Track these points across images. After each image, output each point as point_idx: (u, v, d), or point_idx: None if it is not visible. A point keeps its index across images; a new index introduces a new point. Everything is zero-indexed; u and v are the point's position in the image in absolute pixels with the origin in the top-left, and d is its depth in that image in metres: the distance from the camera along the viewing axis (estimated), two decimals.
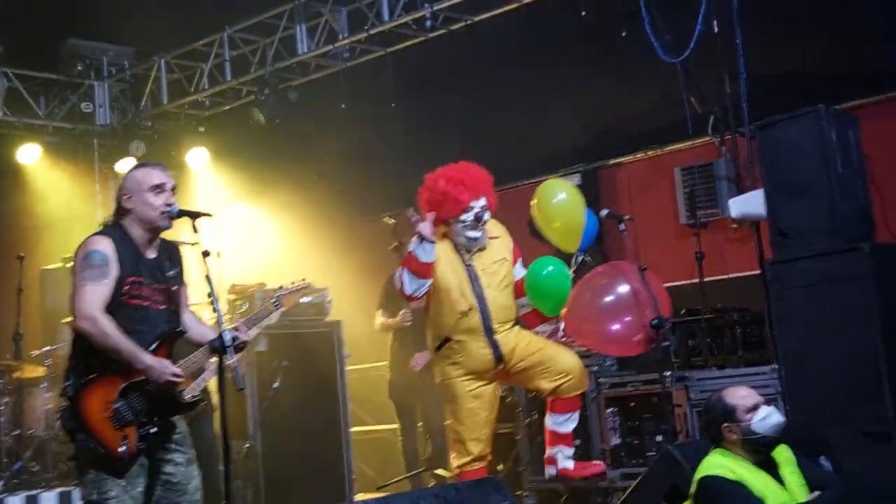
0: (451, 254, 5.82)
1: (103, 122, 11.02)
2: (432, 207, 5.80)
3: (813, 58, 8.07)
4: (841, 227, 5.78)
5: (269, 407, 7.73)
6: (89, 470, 4.27)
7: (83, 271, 4.27)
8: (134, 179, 4.47)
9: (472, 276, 5.76)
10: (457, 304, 5.73)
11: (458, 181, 5.76)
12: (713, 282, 8.03)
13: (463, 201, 5.73)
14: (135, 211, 4.42)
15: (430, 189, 5.83)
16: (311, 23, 9.49)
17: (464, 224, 5.77)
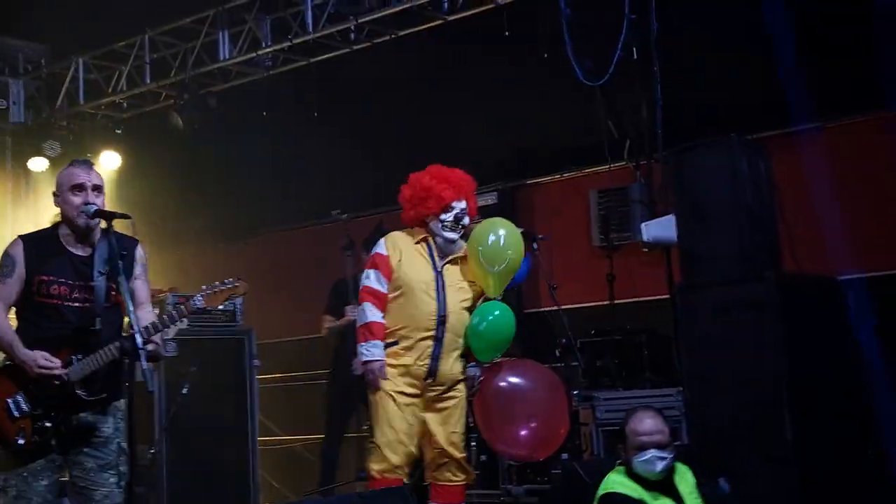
0: (422, 257, 5.73)
1: (17, 119, 10.78)
2: (412, 204, 5.76)
3: (728, 89, 8.25)
4: (748, 254, 5.91)
5: (176, 413, 7.62)
6: None
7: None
8: (59, 179, 4.52)
9: (440, 283, 5.67)
10: (420, 302, 5.61)
11: (442, 178, 5.74)
12: (623, 304, 8.18)
13: (445, 198, 5.67)
14: (62, 210, 4.48)
15: (412, 186, 5.80)
16: (234, 29, 9.41)
17: (443, 223, 5.70)
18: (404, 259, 5.69)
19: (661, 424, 4.47)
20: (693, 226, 6.17)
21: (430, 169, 5.84)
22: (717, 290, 5.96)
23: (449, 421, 5.66)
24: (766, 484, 5.46)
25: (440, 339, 5.60)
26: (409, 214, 5.85)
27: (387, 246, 5.76)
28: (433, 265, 5.72)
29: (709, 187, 6.10)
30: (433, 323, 5.59)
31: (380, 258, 5.73)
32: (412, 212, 5.82)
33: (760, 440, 5.65)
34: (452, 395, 5.69)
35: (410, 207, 5.81)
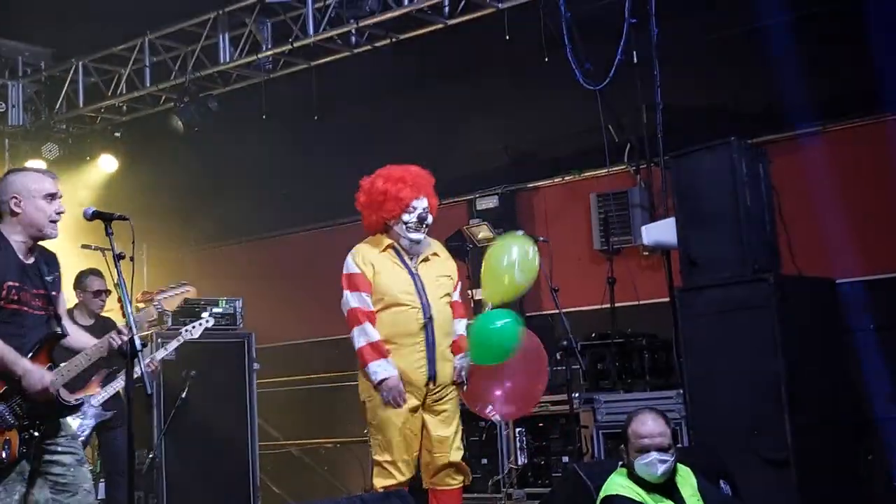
0: (394, 263, 5.59)
1: (16, 122, 10.78)
2: (371, 210, 5.61)
3: (727, 93, 8.27)
4: (748, 257, 5.94)
5: (176, 417, 7.61)
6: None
7: None
8: (24, 185, 4.39)
9: (419, 284, 5.55)
10: (403, 309, 5.49)
11: (397, 179, 5.56)
12: (624, 307, 8.19)
13: (404, 199, 5.51)
14: (24, 216, 4.36)
15: (367, 192, 5.63)
16: (234, 32, 9.42)
17: (406, 225, 5.55)
18: (377, 270, 5.55)
19: (663, 426, 4.46)
20: (693, 229, 6.20)
21: (381, 171, 5.66)
22: (716, 292, 5.99)
23: (447, 423, 5.59)
24: (766, 486, 5.48)
25: (431, 341, 5.51)
26: (370, 220, 5.68)
27: (357, 263, 5.60)
28: (407, 269, 5.59)
29: (709, 191, 6.13)
30: (420, 326, 5.50)
31: (356, 277, 5.56)
32: (373, 217, 5.65)
33: (759, 442, 5.66)
34: (450, 396, 5.62)
35: (370, 213, 5.64)
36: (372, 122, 9.93)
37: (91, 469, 7.97)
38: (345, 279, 5.61)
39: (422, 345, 5.50)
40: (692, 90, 8.19)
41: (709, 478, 4.74)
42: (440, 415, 5.59)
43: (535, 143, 9.73)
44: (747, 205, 6.00)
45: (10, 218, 4.35)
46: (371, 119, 9.95)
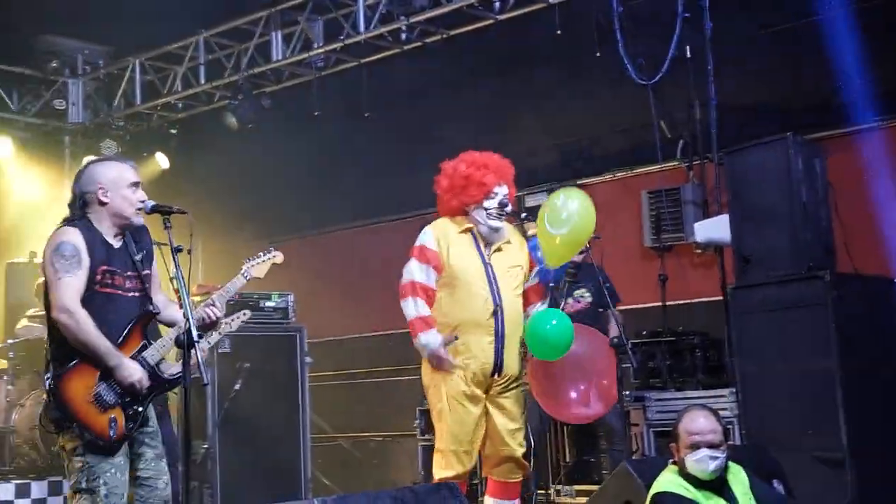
0: (470, 248, 5.55)
1: (75, 119, 10.98)
2: (452, 194, 5.57)
3: (783, 88, 8.19)
4: (803, 254, 5.87)
5: (229, 409, 7.71)
6: (78, 457, 4.28)
7: (55, 263, 4.28)
8: (108, 175, 4.49)
9: (491, 275, 5.50)
10: (476, 297, 5.45)
11: (481, 164, 5.54)
12: (675, 305, 8.14)
13: (487, 184, 5.49)
14: (110, 205, 4.45)
15: (449, 176, 5.60)
16: (287, 30, 9.51)
17: (487, 212, 5.52)
18: (452, 251, 5.51)
19: (714, 423, 4.43)
20: (747, 226, 6.14)
21: (465, 156, 5.64)
22: (770, 289, 5.92)
23: (512, 415, 5.55)
24: (821, 486, 5.41)
25: (500, 332, 5.46)
26: (450, 205, 5.64)
27: (435, 237, 5.55)
28: (480, 256, 5.55)
29: (763, 187, 6.06)
30: (490, 315, 5.44)
31: (429, 253, 5.52)
32: (453, 202, 5.61)
33: (813, 441, 5.60)
34: (516, 385, 5.58)
35: (450, 198, 5.60)
36: (421, 118, 9.95)
37: None
38: (416, 249, 5.56)
39: (490, 335, 5.46)
40: (746, 85, 8.11)
41: (761, 478, 4.70)
42: (505, 407, 5.55)
43: (585, 139, 9.70)
44: (803, 201, 5.92)
45: (97, 207, 4.45)
46: (421, 116, 9.97)
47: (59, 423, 4.30)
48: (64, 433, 4.31)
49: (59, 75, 10.74)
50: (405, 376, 5.79)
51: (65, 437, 4.32)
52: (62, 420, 4.28)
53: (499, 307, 5.46)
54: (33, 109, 10.74)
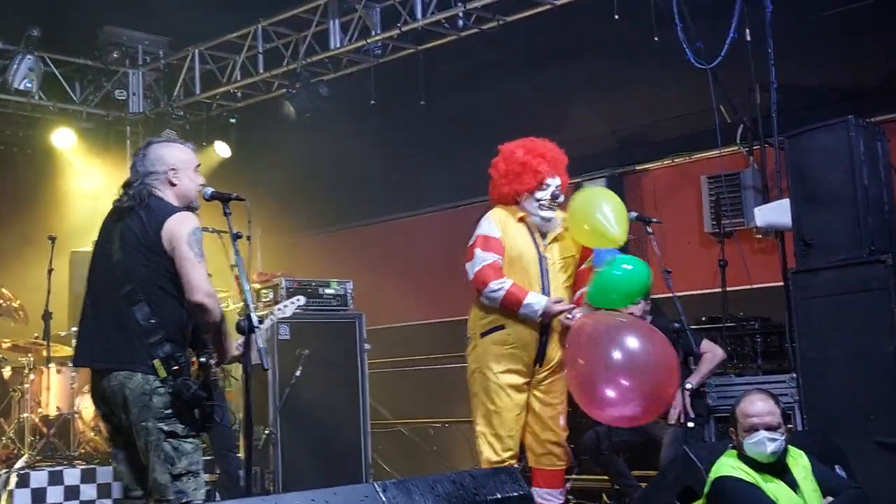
0: (527, 237, 5.55)
1: (136, 109, 11.12)
2: (507, 180, 5.56)
3: (844, 71, 8.08)
4: (865, 238, 5.78)
5: (290, 395, 7.79)
6: (190, 440, 4.30)
7: (193, 247, 4.27)
8: (179, 156, 4.55)
9: (544, 267, 5.52)
10: (524, 283, 5.44)
11: (538, 153, 5.54)
12: (735, 291, 8.07)
13: (542, 173, 5.48)
14: (180, 187, 4.49)
15: (506, 159, 5.58)
16: (344, 18, 9.55)
17: (539, 202, 5.52)
18: (511, 241, 5.51)
19: (772, 406, 4.41)
20: (808, 210, 6.06)
21: (524, 141, 5.62)
22: (831, 274, 5.85)
23: (552, 403, 5.61)
24: (883, 471, 5.35)
25: (547, 325, 5.49)
26: (503, 191, 5.62)
27: (496, 226, 5.54)
28: (536, 247, 5.55)
29: (825, 170, 5.98)
30: None
31: (493, 241, 5.49)
32: (506, 188, 5.59)
33: (875, 426, 5.53)
34: (557, 378, 5.62)
35: (505, 183, 5.58)
36: (478, 106, 9.96)
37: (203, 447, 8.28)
38: (480, 239, 5.52)
39: (536, 327, 5.48)
40: (807, 68, 8.01)
41: (823, 463, 4.66)
42: (546, 395, 5.62)
43: (643, 125, 9.64)
44: (864, 185, 5.84)
45: (166, 187, 4.48)
46: (477, 103, 9.98)
47: (199, 401, 4.24)
48: (200, 411, 4.27)
49: (120, 66, 10.88)
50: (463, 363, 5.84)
51: (200, 416, 4.28)
52: (203, 400, 4.25)
53: None
54: (95, 100, 10.89)
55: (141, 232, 4.33)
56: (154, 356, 4.22)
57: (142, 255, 4.30)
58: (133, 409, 4.25)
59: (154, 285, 4.28)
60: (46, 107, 10.47)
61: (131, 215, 4.38)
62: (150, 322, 4.25)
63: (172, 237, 4.27)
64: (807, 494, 4.40)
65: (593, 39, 8.96)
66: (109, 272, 4.39)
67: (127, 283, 4.30)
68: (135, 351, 4.25)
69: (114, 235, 4.42)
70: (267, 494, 6.90)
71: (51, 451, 7.89)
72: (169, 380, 4.21)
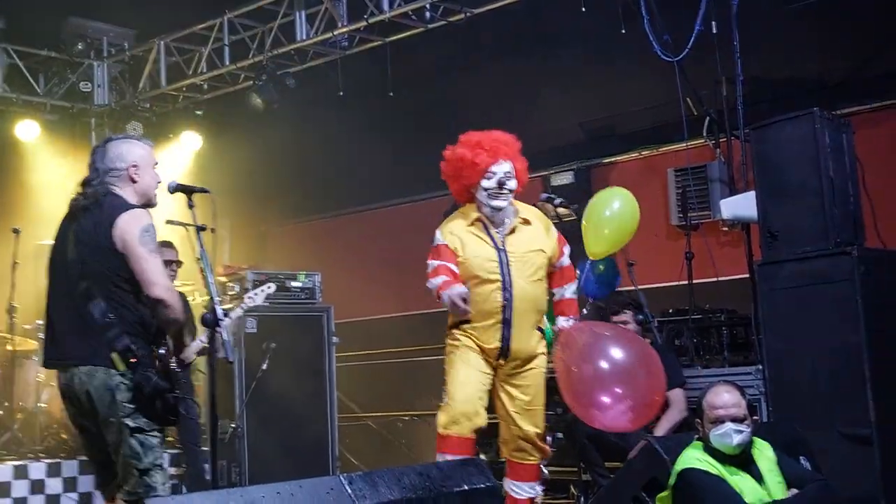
0: (481, 236, 5.49)
1: (101, 102, 11.04)
2: (453, 178, 5.54)
3: (810, 64, 8.12)
4: (830, 230, 5.81)
5: (256, 388, 7.76)
6: (155, 434, 4.28)
7: (147, 244, 4.25)
8: (140, 153, 4.49)
9: (504, 261, 5.43)
10: (484, 288, 5.39)
11: (475, 144, 5.45)
12: (702, 283, 8.10)
13: (480, 164, 5.39)
14: (141, 184, 4.46)
15: (448, 160, 5.55)
16: (310, 10, 9.51)
17: (486, 192, 5.42)
18: (463, 245, 5.46)
19: (738, 398, 4.43)
20: (774, 202, 6.08)
21: (463, 137, 5.56)
22: (797, 265, 5.87)
23: (525, 396, 5.55)
24: (847, 463, 5.38)
25: (508, 318, 5.43)
26: (455, 189, 5.62)
27: (444, 235, 5.53)
28: (493, 243, 5.48)
29: (790, 162, 5.99)
30: (499, 305, 5.42)
31: (440, 247, 5.49)
32: (454, 186, 5.59)
33: (842, 419, 5.57)
34: (530, 368, 5.56)
35: (452, 181, 5.57)
36: (446, 98, 9.94)
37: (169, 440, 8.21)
38: (431, 252, 5.54)
39: (498, 321, 5.43)
40: (773, 61, 8.05)
41: (789, 454, 4.69)
42: (518, 387, 5.56)
43: (611, 118, 9.66)
44: (830, 176, 5.86)
45: (126, 184, 4.44)
46: (445, 95, 9.96)
47: (163, 393, 4.23)
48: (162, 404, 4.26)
49: (85, 58, 10.78)
50: (433, 356, 5.81)
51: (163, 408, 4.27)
52: (165, 392, 4.23)
53: (508, 293, 5.41)
54: (59, 92, 10.80)
55: (93, 231, 4.30)
56: (113, 349, 4.21)
57: (96, 253, 4.28)
58: (99, 406, 4.23)
59: (110, 282, 4.26)
60: (10, 99, 10.37)
61: (85, 214, 4.36)
62: (107, 318, 4.23)
63: (124, 235, 4.26)
64: (772, 486, 4.43)
65: (560, 32, 8.95)
66: (66, 271, 4.37)
67: (82, 281, 4.28)
68: (94, 347, 4.24)
69: (69, 234, 4.40)
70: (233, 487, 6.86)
71: (15, 445, 7.82)
72: (128, 373, 4.19)
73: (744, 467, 4.43)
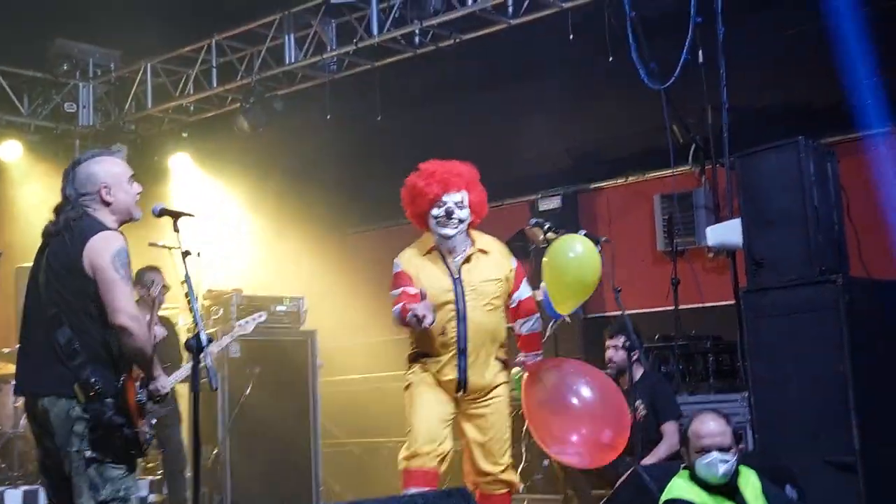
0: (436, 265, 5.49)
1: (86, 122, 11.00)
2: (408, 208, 5.59)
3: (795, 93, 8.17)
4: (815, 258, 5.82)
5: (240, 414, 7.70)
6: (116, 466, 4.14)
7: (119, 269, 4.14)
8: (111, 171, 4.35)
9: (459, 291, 5.41)
10: (440, 318, 5.33)
11: (429, 174, 5.48)
12: (688, 309, 8.11)
13: (428, 194, 5.42)
14: (116, 203, 4.32)
15: (406, 187, 5.60)
16: (300, 33, 9.52)
17: (435, 220, 5.44)
18: (419, 274, 5.45)
19: (724, 426, 4.42)
20: (759, 230, 6.09)
21: (422, 165, 5.59)
22: (782, 293, 5.88)
23: (483, 429, 5.47)
24: (832, 491, 5.38)
25: (464, 349, 5.38)
26: (409, 215, 5.66)
27: (403, 262, 5.55)
28: (449, 272, 5.46)
29: (775, 191, 6.02)
30: (455, 337, 5.38)
31: (399, 275, 5.50)
32: (409, 212, 5.62)
33: (827, 447, 5.56)
34: (489, 400, 5.49)
35: (408, 208, 5.61)
36: (434, 122, 9.95)
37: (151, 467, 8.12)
38: (392, 280, 5.56)
39: (454, 353, 5.39)
40: (759, 90, 8.10)
41: (774, 482, 4.68)
42: (478, 419, 5.49)
43: (598, 144, 9.69)
44: (815, 205, 5.88)
45: (100, 207, 4.31)
46: (433, 119, 9.97)
47: (119, 428, 4.12)
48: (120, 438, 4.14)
49: (70, 78, 10.76)
50: None
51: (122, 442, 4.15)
52: (123, 426, 4.13)
53: (463, 323, 5.38)
54: (43, 113, 10.76)
55: (64, 256, 4.20)
56: (76, 380, 4.12)
57: (66, 279, 4.19)
58: (58, 435, 4.13)
59: (78, 308, 4.17)
60: None
61: (57, 239, 4.26)
62: (73, 346, 4.13)
63: (94, 259, 4.15)
64: None
65: (548, 58, 8.99)
66: (37, 298, 4.29)
67: (52, 308, 4.20)
68: (58, 375, 4.14)
69: (41, 261, 4.31)
70: None
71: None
72: (87, 404, 4.10)
73: (730, 496, 4.41)
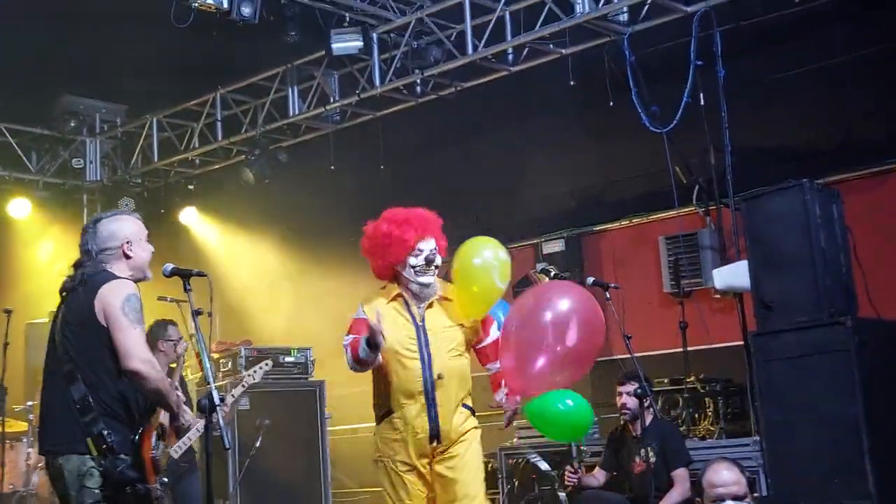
0: (402, 314, 5.33)
1: (93, 178, 11.09)
2: (376, 256, 5.37)
3: (797, 132, 8.18)
4: (824, 300, 5.82)
5: (250, 466, 7.68)
6: None
7: (129, 314, 4.20)
8: (132, 229, 4.48)
9: (423, 339, 5.25)
10: (404, 366, 5.19)
11: (401, 221, 5.31)
12: (696, 351, 8.07)
13: (408, 241, 5.25)
14: (135, 259, 4.43)
15: (370, 237, 5.37)
16: (303, 85, 9.60)
17: (415, 269, 5.29)
18: (382, 321, 5.13)
19: (738, 475, 4.42)
20: (766, 272, 6.10)
21: (385, 213, 5.42)
22: (792, 336, 5.87)
23: (457, 470, 5.25)
24: None
25: (432, 398, 5.21)
26: (377, 266, 5.43)
27: (364, 309, 5.32)
28: (412, 320, 5.31)
29: (781, 233, 6.03)
30: (421, 385, 5.18)
31: (357, 321, 5.29)
32: (378, 262, 5.39)
33: (840, 490, 5.53)
34: (461, 442, 5.29)
35: (375, 259, 5.39)
36: (437, 169, 9.98)
37: None
38: (352, 322, 5.35)
39: (423, 402, 5.21)
40: (760, 130, 8.11)
41: None
42: (450, 460, 5.27)
43: (601, 186, 9.69)
44: (822, 247, 5.89)
45: (120, 262, 4.41)
46: (436, 167, 10.01)
47: (132, 483, 4.12)
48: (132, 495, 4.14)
49: (77, 134, 10.85)
50: None
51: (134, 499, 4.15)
52: (137, 481, 4.14)
53: (431, 374, 5.22)
54: (51, 169, 10.85)
55: (78, 309, 4.28)
56: (88, 434, 4.15)
57: (80, 332, 4.26)
58: (71, 491, 4.16)
59: (92, 361, 4.22)
60: (2, 177, 10.41)
61: (73, 295, 4.34)
62: (86, 401, 4.18)
63: (106, 306, 4.22)
64: None
65: (550, 102, 9.04)
66: (54, 354, 4.36)
67: (67, 364, 4.25)
68: (72, 432, 4.19)
69: (59, 317, 4.39)
70: None
71: None
72: (100, 459, 4.12)
73: None
